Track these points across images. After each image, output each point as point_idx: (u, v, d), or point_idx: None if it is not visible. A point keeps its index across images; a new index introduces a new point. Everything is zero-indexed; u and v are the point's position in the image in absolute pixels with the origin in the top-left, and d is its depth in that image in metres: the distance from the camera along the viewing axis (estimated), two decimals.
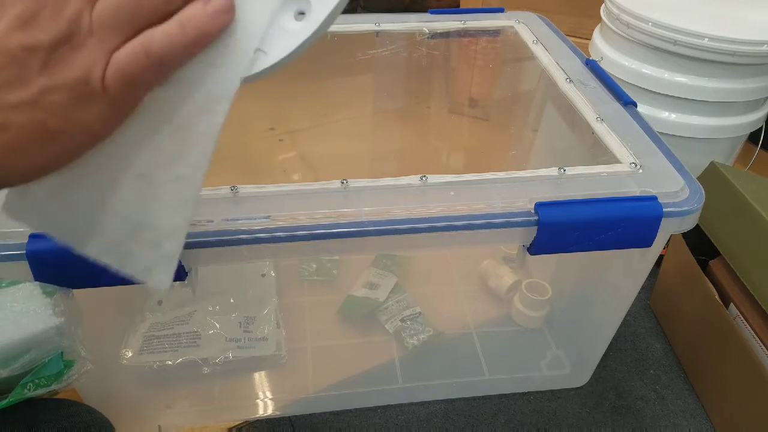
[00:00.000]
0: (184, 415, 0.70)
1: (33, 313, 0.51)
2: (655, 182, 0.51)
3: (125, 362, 0.71)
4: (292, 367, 0.74)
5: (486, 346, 0.78)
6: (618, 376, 0.77)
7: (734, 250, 0.67)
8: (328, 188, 0.49)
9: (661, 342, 0.81)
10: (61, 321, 0.51)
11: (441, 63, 0.90)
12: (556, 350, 0.78)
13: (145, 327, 0.74)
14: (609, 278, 0.68)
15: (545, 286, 0.79)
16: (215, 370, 0.72)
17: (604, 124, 0.59)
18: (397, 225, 0.47)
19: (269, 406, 0.72)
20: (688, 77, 0.78)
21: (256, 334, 0.75)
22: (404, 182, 0.50)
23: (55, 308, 0.52)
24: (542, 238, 0.48)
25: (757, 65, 0.76)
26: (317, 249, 0.47)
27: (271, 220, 0.46)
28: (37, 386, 0.49)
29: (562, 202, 0.49)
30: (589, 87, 0.65)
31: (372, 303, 0.80)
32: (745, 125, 0.83)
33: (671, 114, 0.82)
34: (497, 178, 0.51)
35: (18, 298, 0.51)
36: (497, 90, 1.01)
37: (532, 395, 0.74)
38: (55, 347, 0.51)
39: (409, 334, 0.76)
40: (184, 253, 0.45)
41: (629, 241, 0.50)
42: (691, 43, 0.75)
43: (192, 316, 0.75)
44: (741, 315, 0.66)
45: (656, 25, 0.76)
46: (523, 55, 0.77)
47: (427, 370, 0.76)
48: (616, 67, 0.83)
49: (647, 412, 0.73)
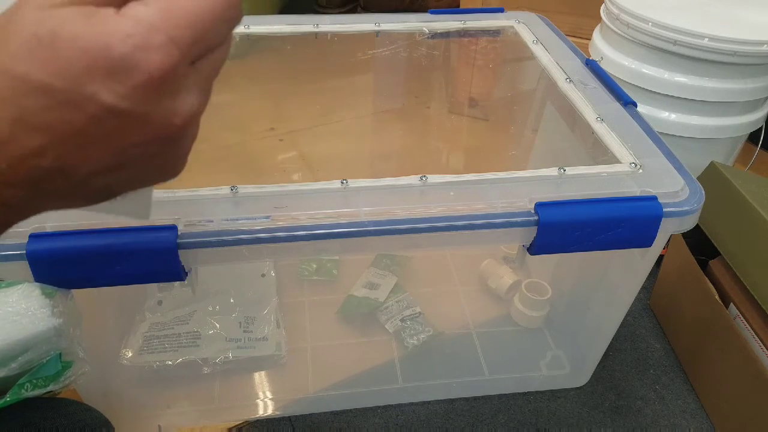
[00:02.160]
0: (184, 415, 0.70)
1: (32, 314, 0.51)
2: (655, 182, 0.51)
3: (125, 362, 0.71)
4: (292, 367, 0.74)
5: (486, 346, 0.78)
6: (618, 376, 0.77)
7: (734, 250, 0.67)
8: (328, 188, 0.49)
9: (661, 342, 0.81)
10: (60, 322, 0.51)
11: (441, 63, 0.90)
12: (556, 350, 0.78)
13: (145, 327, 0.74)
14: (609, 278, 0.68)
15: (545, 286, 0.79)
16: (215, 370, 0.72)
17: (604, 124, 0.59)
18: (397, 225, 0.47)
19: (269, 406, 0.72)
20: (688, 77, 0.78)
21: (256, 334, 0.75)
22: (404, 182, 0.50)
23: (54, 309, 0.52)
24: (542, 238, 0.48)
25: (757, 65, 0.76)
26: (317, 249, 0.47)
27: (271, 220, 0.46)
28: (34, 387, 0.49)
29: (562, 202, 0.48)
30: (589, 87, 0.65)
31: (372, 303, 0.80)
32: (745, 125, 0.83)
33: (671, 114, 0.82)
34: (497, 178, 0.51)
35: (17, 299, 0.51)
36: (497, 90, 1.01)
37: (532, 395, 0.74)
38: (54, 348, 0.51)
39: (409, 334, 0.76)
40: (185, 253, 0.45)
41: (629, 241, 0.50)
42: (691, 43, 0.75)
43: (192, 316, 0.75)
44: (741, 315, 0.66)
45: (656, 25, 0.76)
46: (523, 55, 0.77)
47: (427, 370, 0.76)
48: (616, 67, 0.83)
49: (647, 412, 0.73)
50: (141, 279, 0.45)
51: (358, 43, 0.80)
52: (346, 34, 0.78)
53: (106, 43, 0.22)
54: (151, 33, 0.23)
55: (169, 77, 0.24)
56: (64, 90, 0.22)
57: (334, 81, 0.95)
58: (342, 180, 0.50)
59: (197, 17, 0.24)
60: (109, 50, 0.22)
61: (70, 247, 0.43)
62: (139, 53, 0.23)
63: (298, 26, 0.76)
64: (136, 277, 0.45)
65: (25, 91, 0.22)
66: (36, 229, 0.44)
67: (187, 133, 0.26)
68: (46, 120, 0.23)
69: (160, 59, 0.23)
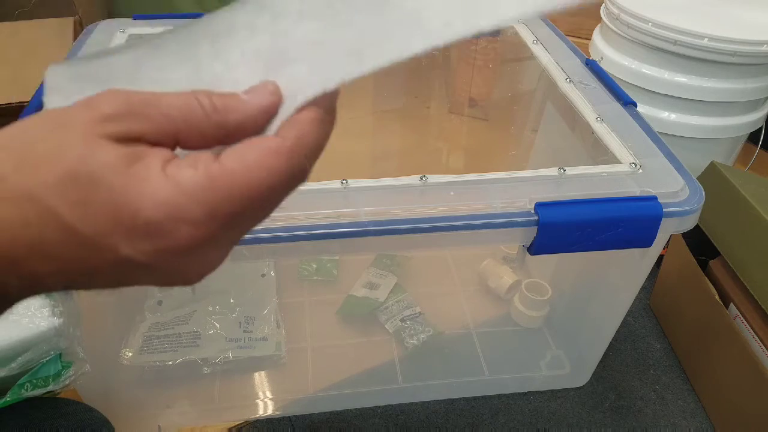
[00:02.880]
0: (184, 415, 0.70)
1: (32, 314, 0.51)
2: (655, 182, 0.51)
3: (125, 362, 0.71)
4: (292, 367, 0.74)
5: (486, 346, 0.78)
6: (618, 376, 0.77)
7: (734, 250, 0.67)
8: (328, 188, 0.49)
9: (661, 342, 0.81)
10: (60, 322, 0.51)
11: (441, 63, 0.90)
12: (556, 350, 0.78)
13: (145, 327, 0.74)
14: (609, 278, 0.68)
15: (545, 286, 0.79)
16: (215, 370, 0.72)
17: (604, 124, 0.59)
18: (397, 225, 0.47)
19: (269, 406, 0.72)
20: (688, 77, 0.78)
21: (256, 334, 0.74)
22: (404, 182, 0.50)
23: (54, 309, 0.52)
24: (542, 238, 0.48)
25: (757, 65, 0.76)
26: (317, 249, 0.47)
27: (271, 220, 0.46)
28: (34, 386, 0.49)
29: (562, 202, 0.48)
30: (589, 87, 0.65)
31: (372, 303, 0.80)
32: (745, 125, 0.83)
33: (671, 114, 0.82)
34: (497, 178, 0.51)
35: None
36: (497, 90, 1.01)
37: (532, 395, 0.74)
38: (54, 348, 0.51)
39: (409, 334, 0.76)
40: None
41: (629, 241, 0.50)
42: (691, 43, 0.75)
43: (192, 316, 0.75)
44: (741, 315, 0.66)
45: (656, 25, 0.76)
46: (523, 55, 0.77)
47: (427, 370, 0.76)
48: (616, 67, 0.83)
49: (647, 412, 0.73)
50: None
51: None
52: None
53: (137, 206, 0.21)
54: (191, 205, 0.21)
55: (199, 247, 0.22)
56: (87, 236, 0.21)
57: None
58: (342, 180, 0.50)
59: (251, 191, 0.22)
60: (138, 214, 0.21)
61: None
62: (170, 224, 0.21)
63: None
64: None
65: (50, 224, 0.21)
66: None
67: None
68: (62, 254, 0.22)
69: (192, 232, 0.22)
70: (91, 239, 0.22)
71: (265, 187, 0.22)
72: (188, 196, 0.21)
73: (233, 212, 0.22)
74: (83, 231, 0.21)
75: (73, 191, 0.21)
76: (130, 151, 0.22)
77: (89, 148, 0.21)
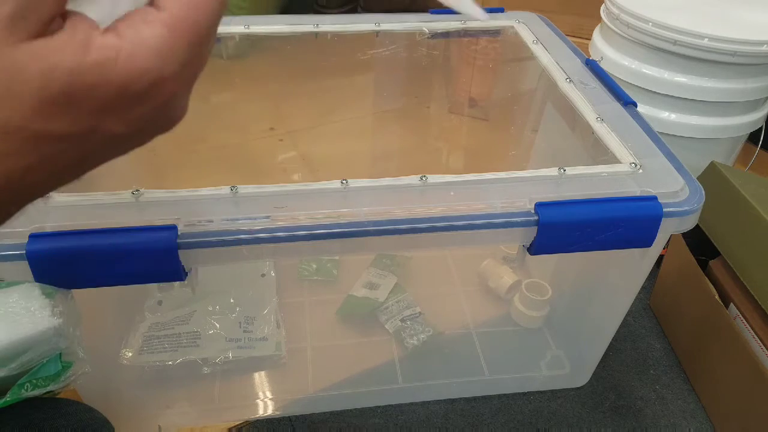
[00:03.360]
0: (184, 415, 0.70)
1: (32, 314, 0.51)
2: (655, 182, 0.51)
3: (125, 362, 0.71)
4: (292, 367, 0.74)
5: (486, 346, 0.78)
6: (618, 376, 0.77)
7: (734, 250, 0.67)
8: (328, 188, 0.49)
9: (661, 342, 0.81)
10: (60, 322, 0.51)
11: (441, 63, 0.90)
12: (556, 350, 0.78)
13: (145, 327, 0.74)
14: (609, 278, 0.68)
15: (545, 286, 0.79)
16: (215, 370, 0.72)
17: (604, 124, 0.59)
18: (397, 225, 0.47)
19: (269, 406, 0.72)
20: (688, 77, 0.78)
21: (256, 334, 0.74)
22: (404, 182, 0.50)
23: (54, 309, 0.52)
24: (542, 238, 0.48)
25: (757, 65, 0.76)
26: (317, 249, 0.47)
27: (271, 220, 0.46)
28: (34, 387, 0.49)
29: (562, 202, 0.48)
30: (589, 87, 0.65)
31: (372, 303, 0.80)
32: (745, 125, 0.83)
33: (671, 114, 0.82)
34: (497, 178, 0.51)
35: (17, 299, 0.51)
36: (497, 90, 1.01)
37: (532, 395, 0.74)
38: (54, 348, 0.51)
39: (409, 334, 0.76)
40: (184, 253, 0.45)
41: (629, 241, 0.50)
42: (691, 43, 0.75)
43: (192, 316, 0.75)
44: (741, 315, 0.66)
45: (656, 25, 0.76)
46: (523, 55, 0.77)
47: (427, 370, 0.76)
48: (616, 67, 0.83)
49: (647, 412, 0.73)
50: (141, 279, 0.45)
51: (358, 43, 0.80)
52: (346, 34, 0.78)
53: (120, 83, 0.21)
54: (166, 64, 0.22)
55: (177, 98, 0.24)
56: (77, 133, 0.22)
57: (334, 81, 0.95)
58: (342, 180, 0.50)
59: (200, 27, 0.23)
60: (127, 89, 0.21)
61: (70, 247, 0.43)
62: (154, 89, 0.22)
63: (298, 26, 0.76)
64: (136, 277, 0.45)
65: (43, 142, 0.22)
66: (36, 229, 0.44)
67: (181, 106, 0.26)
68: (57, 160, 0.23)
69: (172, 89, 0.23)
70: (84, 134, 0.22)
71: (211, 15, 0.23)
72: (163, 55, 0.22)
73: (198, 53, 0.23)
74: (75, 131, 0.22)
75: (54, 108, 0.21)
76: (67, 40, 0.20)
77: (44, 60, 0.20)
